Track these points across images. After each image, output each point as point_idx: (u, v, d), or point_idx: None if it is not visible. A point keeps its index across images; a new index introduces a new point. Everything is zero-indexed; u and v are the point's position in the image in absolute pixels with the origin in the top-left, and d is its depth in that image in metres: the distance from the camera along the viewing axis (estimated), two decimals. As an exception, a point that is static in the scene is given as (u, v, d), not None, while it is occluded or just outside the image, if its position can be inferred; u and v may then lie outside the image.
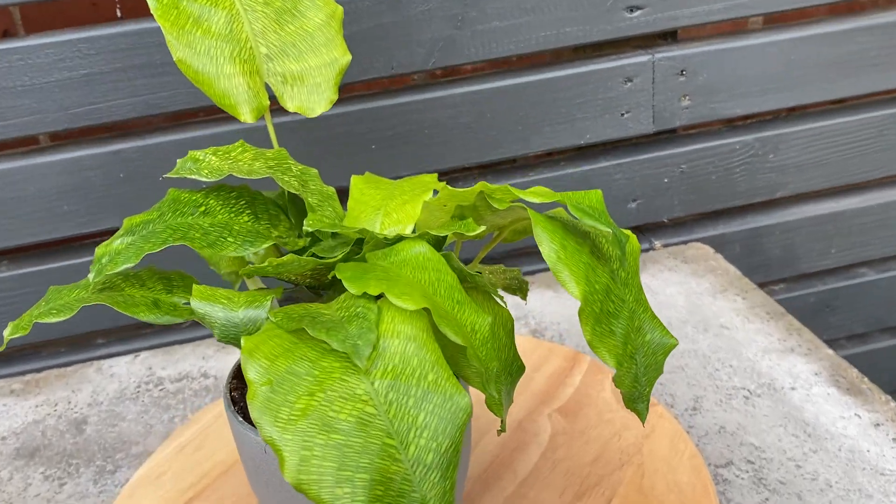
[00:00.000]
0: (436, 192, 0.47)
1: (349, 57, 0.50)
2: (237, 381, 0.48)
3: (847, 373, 0.68)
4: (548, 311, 0.80)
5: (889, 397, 0.64)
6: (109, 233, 0.79)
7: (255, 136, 0.77)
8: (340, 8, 0.51)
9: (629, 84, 0.83)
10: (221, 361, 0.80)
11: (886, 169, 0.93)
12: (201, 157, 0.46)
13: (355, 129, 0.78)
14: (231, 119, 0.77)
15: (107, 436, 0.71)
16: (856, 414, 0.63)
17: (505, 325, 0.39)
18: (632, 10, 0.80)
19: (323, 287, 0.45)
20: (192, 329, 0.85)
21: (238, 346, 0.38)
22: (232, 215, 0.45)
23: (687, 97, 0.85)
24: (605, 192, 0.87)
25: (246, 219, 0.45)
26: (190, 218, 0.43)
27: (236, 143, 0.48)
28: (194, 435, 0.65)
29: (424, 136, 0.80)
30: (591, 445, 0.58)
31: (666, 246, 0.91)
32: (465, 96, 0.79)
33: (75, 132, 0.75)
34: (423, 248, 0.38)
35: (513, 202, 0.39)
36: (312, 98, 0.49)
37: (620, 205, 0.88)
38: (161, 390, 0.77)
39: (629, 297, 0.37)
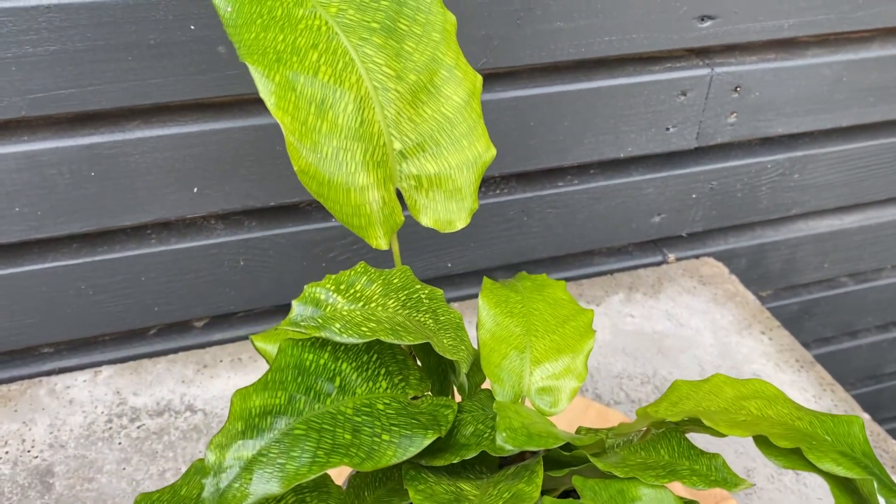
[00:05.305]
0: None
1: (493, 152, 0.40)
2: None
3: (887, 444, 0.67)
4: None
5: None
6: (70, 239, 0.64)
7: (267, 135, 0.63)
8: (480, 78, 0.40)
9: (682, 98, 0.74)
10: (205, 388, 0.69)
11: (892, 191, 0.92)
12: (323, 298, 0.35)
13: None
14: (231, 114, 0.62)
15: (83, 495, 0.60)
16: (906, 500, 0.63)
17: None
18: (703, 20, 0.70)
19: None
20: (159, 339, 0.73)
21: None
22: (370, 384, 0.35)
23: (734, 114, 0.78)
24: (632, 206, 0.80)
25: (384, 385, 0.35)
26: (328, 402, 0.33)
27: (357, 268, 0.37)
28: (212, 521, 0.55)
29: (458, 144, 0.69)
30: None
31: (679, 259, 0.87)
32: (512, 101, 0.69)
33: (33, 120, 0.58)
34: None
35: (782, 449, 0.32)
36: (451, 207, 0.39)
37: (644, 219, 0.82)
38: (140, 428, 0.65)
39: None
